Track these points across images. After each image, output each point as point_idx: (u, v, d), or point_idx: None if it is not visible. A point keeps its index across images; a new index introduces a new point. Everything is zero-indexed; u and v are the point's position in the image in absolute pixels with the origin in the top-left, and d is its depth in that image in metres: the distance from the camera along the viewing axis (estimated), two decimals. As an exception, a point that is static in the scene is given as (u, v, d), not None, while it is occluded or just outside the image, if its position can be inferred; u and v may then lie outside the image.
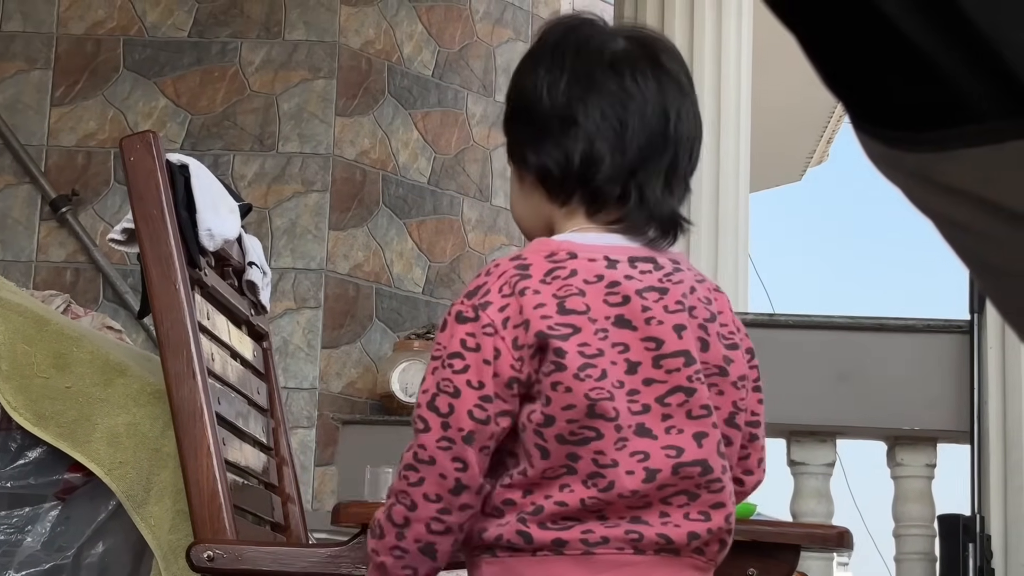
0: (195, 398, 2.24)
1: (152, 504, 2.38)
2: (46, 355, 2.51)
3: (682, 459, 1.60)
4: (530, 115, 1.68)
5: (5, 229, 4.95)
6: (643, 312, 1.61)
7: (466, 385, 1.60)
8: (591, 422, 1.58)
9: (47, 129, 4.99)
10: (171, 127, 4.97)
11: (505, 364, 1.59)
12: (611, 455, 1.58)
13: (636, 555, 1.60)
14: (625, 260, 1.64)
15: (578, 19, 1.75)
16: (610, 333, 1.60)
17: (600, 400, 1.58)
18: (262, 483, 2.59)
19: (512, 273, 1.61)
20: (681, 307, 1.63)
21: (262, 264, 2.74)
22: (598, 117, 1.65)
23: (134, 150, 2.29)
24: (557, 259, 1.62)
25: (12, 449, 2.50)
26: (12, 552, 2.47)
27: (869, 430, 3.84)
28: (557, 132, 1.65)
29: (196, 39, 5.06)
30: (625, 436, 1.59)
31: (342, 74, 5.07)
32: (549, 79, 1.67)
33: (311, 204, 4.98)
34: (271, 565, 2.25)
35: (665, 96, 1.66)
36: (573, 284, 1.61)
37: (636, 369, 1.61)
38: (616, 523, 1.59)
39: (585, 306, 1.60)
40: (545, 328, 1.58)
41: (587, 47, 1.68)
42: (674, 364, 1.61)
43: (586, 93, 1.66)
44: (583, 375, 1.58)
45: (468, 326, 1.61)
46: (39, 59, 5.03)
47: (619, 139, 1.64)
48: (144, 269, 2.29)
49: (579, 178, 1.65)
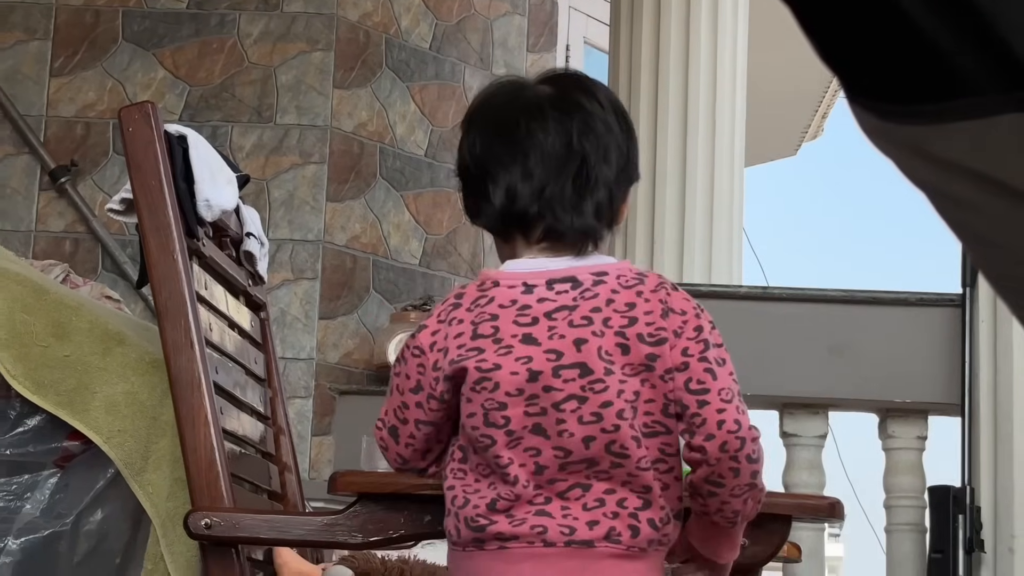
0: (193, 367, 2.24)
1: (150, 472, 2.39)
2: (45, 324, 2.51)
3: (569, 456, 1.76)
4: (464, 181, 1.92)
5: (4, 199, 4.95)
6: (548, 330, 1.79)
7: (395, 389, 1.88)
8: (487, 430, 1.78)
9: (46, 100, 4.99)
10: (169, 98, 4.97)
11: (426, 381, 1.83)
12: (504, 457, 1.77)
13: (546, 547, 1.76)
14: (543, 284, 1.82)
15: (495, 85, 1.99)
16: (515, 349, 1.78)
17: (490, 409, 1.77)
18: (259, 452, 2.60)
19: (450, 303, 1.85)
20: (588, 322, 1.79)
21: (260, 235, 2.74)
22: (508, 162, 1.84)
23: (133, 121, 2.29)
24: (484, 288, 1.84)
25: (11, 417, 2.50)
26: (11, 519, 2.48)
27: (861, 402, 3.85)
28: (484, 188, 1.85)
29: (195, 11, 5.05)
30: (520, 436, 1.78)
31: (340, 46, 5.06)
32: (468, 146, 1.91)
33: (309, 176, 4.98)
34: (268, 533, 2.25)
35: (566, 124, 1.85)
36: (487, 311, 1.81)
37: (537, 378, 1.77)
38: (523, 519, 1.76)
39: (493, 329, 1.80)
40: (456, 355, 1.80)
41: (496, 110, 1.92)
42: (570, 375, 1.77)
43: (495, 148, 1.87)
44: (479, 388, 1.78)
45: (409, 343, 1.87)
46: (38, 29, 5.02)
47: (526, 172, 1.83)
48: (142, 239, 2.29)
49: (506, 215, 1.85)
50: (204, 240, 2.42)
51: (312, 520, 2.25)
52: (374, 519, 2.13)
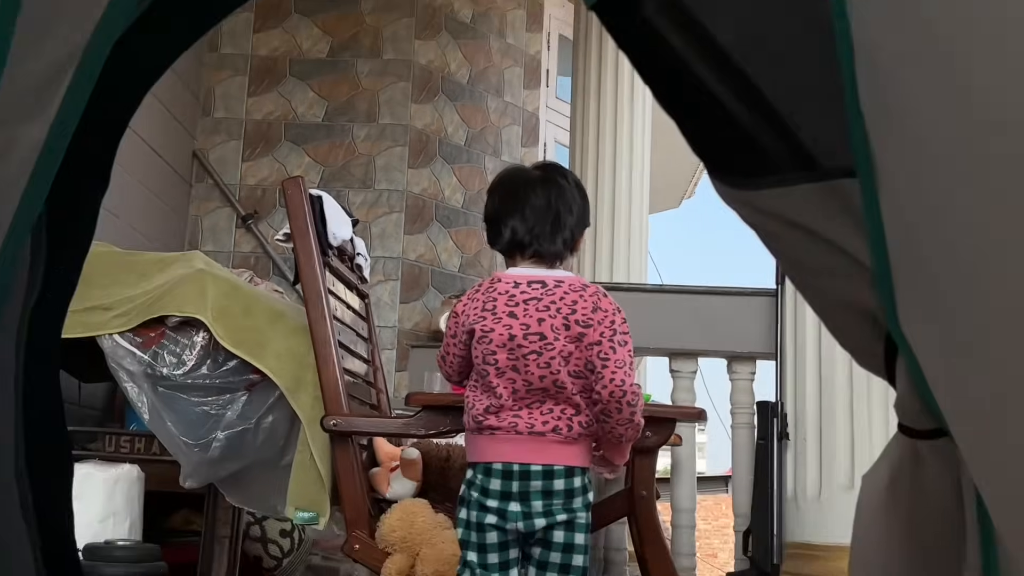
0: (326, 332, 2.25)
1: (301, 393, 2.39)
2: (239, 306, 2.51)
3: (532, 385, 1.79)
4: (488, 223, 1.90)
5: (216, 233, 4.95)
6: (523, 310, 1.81)
7: (447, 336, 1.89)
8: (485, 366, 1.81)
9: (240, 175, 4.98)
10: (311, 174, 4.97)
11: (458, 331, 1.85)
12: (495, 382, 1.80)
13: (517, 435, 1.79)
14: (525, 283, 1.83)
15: (506, 170, 1.96)
16: (502, 320, 1.82)
17: (487, 354, 1.80)
18: (365, 382, 2.61)
19: (473, 289, 1.87)
20: (547, 309, 1.80)
21: (365, 254, 2.74)
22: (512, 212, 1.86)
23: (290, 187, 2.30)
24: (492, 282, 1.85)
25: (219, 361, 2.51)
26: (220, 419, 2.48)
27: (716, 352, 3.83)
28: (498, 228, 1.88)
29: (327, 123, 5.04)
30: (503, 371, 1.80)
31: (411, 143, 5.05)
32: (490, 204, 1.90)
33: (392, 220, 4.98)
34: (369, 428, 2.26)
35: (549, 192, 1.86)
36: (491, 295, 1.83)
37: (514, 339, 1.79)
38: (504, 419, 1.79)
39: (492, 306, 1.82)
40: (472, 318, 1.83)
41: (509, 182, 1.91)
42: (533, 339, 1.79)
43: (505, 204, 1.88)
44: (481, 340, 1.81)
45: (452, 311, 1.89)
46: (235, 134, 5.02)
47: (522, 217, 1.85)
48: (296, 256, 2.30)
49: (510, 244, 1.87)
50: (332, 257, 2.42)
51: (395, 421, 2.26)
52: (431, 420, 2.14)
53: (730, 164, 1.17)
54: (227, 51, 5.08)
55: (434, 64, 5.18)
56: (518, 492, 1.76)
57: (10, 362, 1.28)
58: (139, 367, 2.46)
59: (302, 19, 5.11)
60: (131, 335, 2.47)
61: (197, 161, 4.97)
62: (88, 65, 1.12)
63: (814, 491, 3.44)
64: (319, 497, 2.24)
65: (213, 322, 2.44)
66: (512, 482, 1.76)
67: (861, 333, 1.21)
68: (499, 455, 1.77)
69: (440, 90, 5.21)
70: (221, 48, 5.07)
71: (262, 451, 2.48)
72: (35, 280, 1.30)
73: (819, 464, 3.46)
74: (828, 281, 1.19)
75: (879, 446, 2.26)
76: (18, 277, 1.26)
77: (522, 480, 1.76)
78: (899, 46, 0.93)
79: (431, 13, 5.19)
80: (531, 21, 5.77)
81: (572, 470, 1.78)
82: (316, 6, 5.11)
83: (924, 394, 1.12)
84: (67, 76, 1.10)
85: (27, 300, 1.29)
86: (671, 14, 1.14)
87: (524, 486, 1.76)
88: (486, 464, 1.78)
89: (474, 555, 1.77)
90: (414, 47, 5.10)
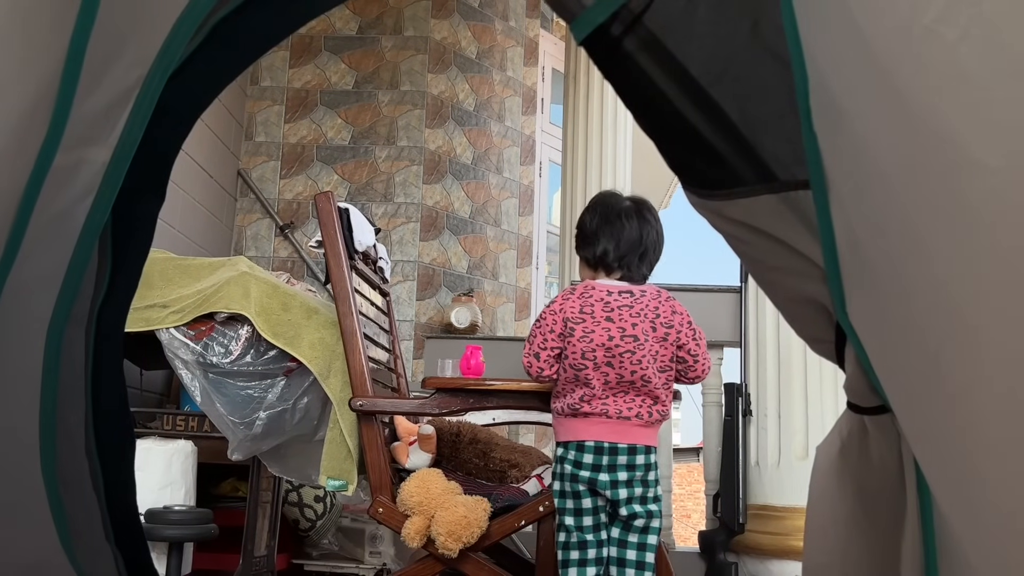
0: (353, 325, 2.24)
1: (331, 378, 2.39)
2: (277, 303, 2.51)
3: (623, 379, 1.82)
4: (582, 235, 1.90)
5: (258, 241, 4.94)
6: (618, 315, 1.83)
7: (539, 333, 1.86)
8: (583, 361, 1.82)
9: (278, 190, 4.98)
10: (340, 190, 4.96)
11: (556, 327, 1.83)
12: (591, 375, 1.82)
13: (607, 419, 1.83)
14: (616, 292, 1.86)
15: (605, 193, 1.95)
16: (600, 323, 1.83)
17: (586, 351, 1.82)
18: (387, 368, 2.60)
19: (567, 292, 1.87)
20: (638, 315, 1.83)
21: (386, 258, 2.74)
22: (608, 235, 1.88)
23: (321, 200, 2.29)
24: (587, 288, 1.86)
25: (261, 351, 2.50)
26: (261, 401, 2.48)
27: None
28: (591, 242, 1.89)
29: (352, 144, 5.04)
30: (599, 365, 1.82)
31: (426, 163, 5.05)
32: (588, 219, 1.90)
33: (410, 228, 4.97)
34: (390, 408, 2.25)
35: (641, 226, 1.90)
36: (590, 300, 1.84)
37: (612, 339, 1.82)
38: (595, 406, 1.83)
39: (591, 309, 1.83)
40: (569, 316, 1.83)
41: (607, 206, 1.91)
42: (627, 340, 1.82)
43: (603, 226, 1.88)
44: (581, 340, 1.82)
45: (546, 309, 1.87)
46: (274, 155, 5.02)
47: (616, 244, 1.87)
48: (327, 260, 2.29)
49: (598, 261, 1.89)
50: (358, 261, 2.42)
51: (413, 402, 2.25)
52: (444, 401, 2.13)
53: (701, 178, 1.17)
54: (266, 84, 5.08)
55: (445, 94, 5.17)
56: (607, 465, 1.82)
57: (81, 353, 1.28)
58: (192, 356, 2.46)
59: (331, 56, 5.11)
60: (185, 329, 2.47)
61: (241, 179, 4.96)
62: (148, 92, 1.12)
63: (774, 460, 3.44)
64: (348, 467, 2.24)
65: (256, 317, 2.44)
66: (603, 456, 1.82)
67: (815, 323, 1.21)
68: (592, 435, 1.83)
69: (450, 116, 5.20)
70: (261, 81, 5.07)
71: (298, 428, 2.48)
72: (102, 282, 1.30)
73: (778, 437, 3.46)
74: (786, 279, 1.19)
75: (830, 421, 2.27)
76: (88, 279, 1.26)
77: (611, 455, 1.82)
78: (847, 78, 0.93)
79: (442, 51, 5.19)
80: (528, 56, 5.77)
81: (649, 448, 1.85)
82: (343, 45, 5.11)
83: (869, 376, 1.12)
84: (130, 103, 1.10)
85: (95, 299, 1.29)
86: (649, 49, 1.14)
87: (612, 460, 1.82)
88: (579, 442, 1.83)
89: (571, 519, 1.83)
90: (427, 80, 5.10)
